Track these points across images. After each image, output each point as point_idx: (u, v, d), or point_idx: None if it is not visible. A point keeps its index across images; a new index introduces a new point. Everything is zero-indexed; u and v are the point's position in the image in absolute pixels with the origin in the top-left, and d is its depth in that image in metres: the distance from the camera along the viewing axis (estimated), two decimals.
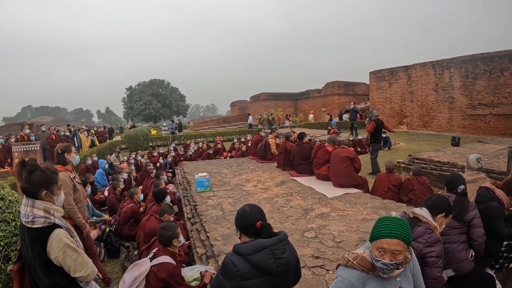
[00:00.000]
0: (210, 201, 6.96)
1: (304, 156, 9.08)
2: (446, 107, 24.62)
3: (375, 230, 2.23)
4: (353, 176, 7.68)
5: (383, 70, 30.53)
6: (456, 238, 3.84)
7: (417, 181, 7.39)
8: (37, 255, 2.62)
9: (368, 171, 11.57)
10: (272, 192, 7.46)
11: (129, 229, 6.98)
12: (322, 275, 3.77)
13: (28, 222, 2.61)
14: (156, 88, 64.39)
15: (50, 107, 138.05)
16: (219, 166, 11.38)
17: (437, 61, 25.31)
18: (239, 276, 2.24)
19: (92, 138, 21.28)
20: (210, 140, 25.22)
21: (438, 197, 3.60)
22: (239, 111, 58.77)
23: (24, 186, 2.66)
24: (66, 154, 4.65)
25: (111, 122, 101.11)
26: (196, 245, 5.32)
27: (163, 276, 3.69)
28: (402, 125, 28.34)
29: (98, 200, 9.27)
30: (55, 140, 14.46)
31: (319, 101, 44.87)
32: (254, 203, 2.66)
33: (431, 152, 11.76)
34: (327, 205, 6.35)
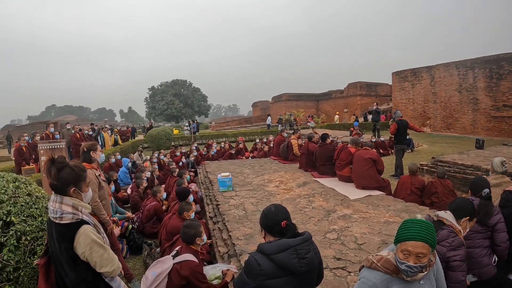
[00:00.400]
0: (232, 200, 6.99)
1: (326, 157, 9.05)
2: (470, 108, 24.13)
3: (400, 232, 2.21)
4: (376, 178, 7.63)
5: (406, 71, 30.16)
6: (480, 243, 3.80)
7: (440, 184, 7.31)
8: (64, 250, 2.67)
9: (390, 173, 11.49)
10: (294, 192, 7.45)
11: (152, 227, 7.06)
12: (344, 276, 3.76)
13: (56, 217, 2.66)
14: (178, 88, 64.81)
15: (74, 107, 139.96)
16: (241, 166, 11.42)
17: (460, 61, 24.82)
18: (263, 275, 2.26)
19: (115, 137, 21.50)
20: (232, 140, 25.31)
21: (463, 200, 3.56)
22: (261, 112, 58.82)
23: (53, 183, 2.71)
24: (92, 152, 4.75)
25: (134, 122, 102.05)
26: (218, 244, 5.35)
27: (185, 273, 3.72)
28: (425, 127, 27.93)
29: (121, 198, 9.40)
30: (79, 139, 14.65)
31: (341, 102, 44.60)
32: (280, 204, 2.68)
33: (454, 155, 11.60)
34: (349, 207, 6.32)
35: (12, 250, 3.38)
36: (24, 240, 3.50)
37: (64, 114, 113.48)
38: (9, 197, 3.68)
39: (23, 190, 3.94)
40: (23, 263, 3.47)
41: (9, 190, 3.77)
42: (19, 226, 3.50)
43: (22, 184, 4.08)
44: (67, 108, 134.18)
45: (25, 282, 3.51)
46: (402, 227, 2.23)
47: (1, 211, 3.48)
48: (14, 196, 3.76)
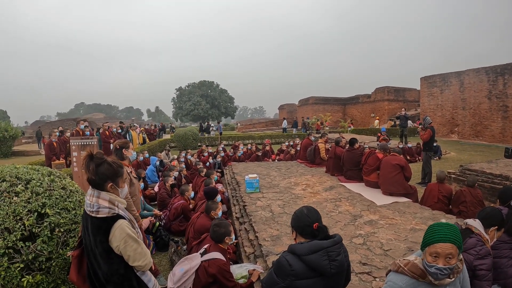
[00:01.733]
0: (259, 202, 7.03)
1: (354, 162, 9.02)
2: (499, 116, 23.63)
3: (427, 236, 2.23)
4: (403, 185, 7.59)
5: (434, 76, 29.75)
6: (506, 253, 3.75)
7: (469, 193, 7.21)
8: (99, 243, 2.75)
9: (417, 181, 11.39)
10: (321, 196, 7.46)
11: (178, 225, 7.16)
12: (369, 281, 3.77)
13: (93, 211, 2.75)
14: (205, 89, 65.15)
15: (102, 105, 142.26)
16: (268, 168, 11.45)
17: (491, 67, 24.32)
18: (293, 276, 2.30)
19: (143, 136, 21.74)
20: (258, 142, 25.36)
21: (492, 209, 3.55)
22: (287, 114, 58.72)
23: (92, 178, 2.80)
24: (124, 150, 4.84)
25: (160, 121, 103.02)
26: (244, 244, 5.39)
27: (213, 271, 3.78)
28: (453, 134, 27.55)
29: (149, 195, 9.58)
30: (108, 136, 14.89)
31: (368, 107, 44.26)
32: (311, 206, 2.71)
33: (483, 164, 11.41)
34: (375, 213, 6.31)
35: (45, 241, 3.49)
36: (58, 231, 3.61)
37: (92, 112, 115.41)
38: (44, 190, 3.80)
39: (57, 184, 4.06)
40: (56, 254, 3.57)
41: (44, 183, 3.89)
42: (53, 218, 3.61)
43: (57, 178, 4.20)
44: (95, 106, 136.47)
45: (56, 272, 3.61)
46: (429, 230, 2.25)
47: (37, 203, 3.59)
48: (49, 189, 3.88)
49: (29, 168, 4.15)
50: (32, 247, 3.40)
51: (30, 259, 3.37)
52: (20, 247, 3.34)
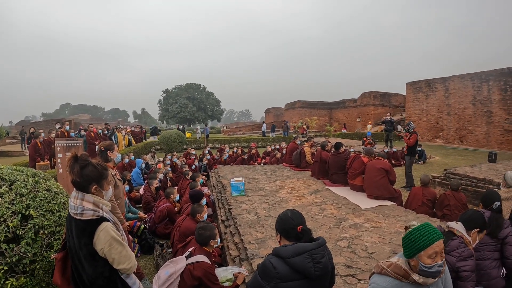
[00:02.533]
0: (244, 205, 7.05)
1: (339, 166, 9.07)
2: (483, 121, 23.99)
3: (420, 241, 2.24)
4: (388, 189, 7.65)
5: (420, 81, 30.08)
6: (489, 255, 3.82)
7: (453, 197, 7.29)
8: (84, 246, 2.73)
9: (402, 185, 11.47)
10: (306, 200, 7.50)
11: (164, 228, 7.14)
12: (354, 284, 3.81)
13: (77, 214, 2.73)
14: (192, 91, 65.18)
15: (88, 106, 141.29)
16: (253, 171, 11.47)
17: (475, 73, 24.71)
18: (278, 278, 2.31)
19: (129, 138, 21.62)
20: (245, 146, 25.36)
21: (474, 212, 3.61)
22: (274, 118, 58.85)
23: (76, 180, 2.78)
24: (109, 152, 4.83)
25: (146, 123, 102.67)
26: (229, 248, 5.40)
27: (198, 274, 3.78)
28: (438, 139, 27.84)
29: (134, 198, 9.51)
30: (93, 138, 14.81)
31: (354, 111, 44.55)
32: (295, 209, 2.73)
33: (467, 168, 11.55)
34: (360, 216, 6.36)
35: (29, 243, 3.45)
36: (42, 234, 3.58)
37: (78, 112, 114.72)
38: (29, 191, 3.76)
39: (42, 185, 4.03)
40: (40, 256, 3.54)
41: (29, 184, 3.86)
42: (37, 220, 3.58)
43: (42, 179, 4.17)
44: (81, 107, 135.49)
45: (40, 275, 3.58)
46: (419, 235, 2.26)
47: (21, 204, 3.55)
48: (34, 190, 3.84)
49: (13, 169, 4.12)
50: (16, 249, 3.36)
51: (14, 261, 3.33)
52: (4, 249, 3.29)
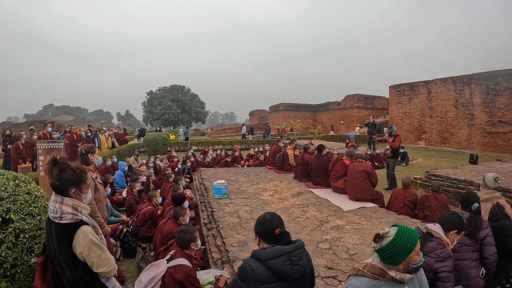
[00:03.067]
0: (227, 208, 7.05)
1: (322, 169, 9.11)
2: (465, 123, 24.30)
3: (409, 243, 2.27)
4: (370, 191, 7.71)
5: (403, 85, 30.34)
6: (468, 255, 3.88)
7: (434, 198, 7.38)
8: (63, 249, 2.73)
9: (384, 186, 11.57)
10: (289, 202, 7.52)
11: (146, 231, 7.10)
12: (335, 285, 3.83)
13: (56, 217, 2.72)
14: (177, 93, 64.92)
15: (71, 107, 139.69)
16: (236, 174, 11.47)
17: (458, 77, 25.01)
18: (257, 280, 2.33)
19: (112, 140, 21.46)
20: (228, 148, 25.34)
21: (452, 214, 3.66)
22: (258, 120, 58.88)
23: (55, 183, 2.78)
24: (90, 154, 4.79)
25: (131, 125, 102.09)
26: (211, 250, 5.40)
27: (179, 277, 3.77)
28: (421, 141, 28.10)
29: (116, 201, 9.45)
30: (76, 140, 14.67)
31: (338, 114, 44.76)
32: (274, 212, 2.75)
33: (448, 169, 11.69)
34: (342, 218, 6.39)
35: (10, 247, 3.44)
36: (22, 237, 3.56)
37: (61, 114, 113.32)
38: (9, 195, 3.74)
39: (22, 189, 4.01)
40: (21, 261, 3.52)
41: (9, 188, 3.83)
42: (18, 223, 3.56)
43: (22, 183, 4.15)
44: (64, 108, 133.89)
45: (21, 279, 3.56)
46: (406, 239, 2.28)
47: (1, 208, 3.53)
48: (14, 194, 3.82)
49: None
50: None
51: None
52: None
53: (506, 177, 9.97)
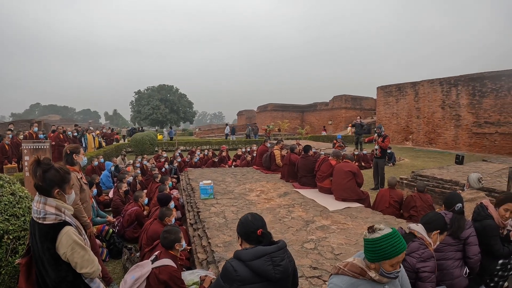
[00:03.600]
0: (213, 208, 7.05)
1: (308, 169, 9.14)
2: (452, 124, 24.63)
3: (389, 251, 2.27)
4: (356, 191, 7.75)
5: (391, 86, 30.63)
6: (452, 255, 3.92)
7: (420, 198, 7.43)
8: (47, 250, 2.72)
9: (371, 186, 11.63)
10: (275, 202, 7.54)
11: (132, 231, 7.08)
12: (319, 285, 3.85)
13: (40, 218, 2.72)
14: (165, 93, 64.66)
15: (59, 106, 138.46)
16: (223, 174, 11.46)
17: (444, 78, 25.35)
18: (239, 281, 2.33)
19: (99, 140, 21.32)
20: (216, 148, 25.30)
21: (435, 214, 3.70)
22: (246, 121, 58.89)
23: (38, 184, 2.77)
24: (75, 155, 4.76)
25: (118, 125, 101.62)
26: (197, 251, 5.40)
27: (164, 278, 3.77)
28: (408, 141, 28.36)
29: (103, 201, 9.40)
30: (62, 140, 14.57)
31: (326, 114, 44.95)
32: (257, 213, 2.76)
33: (434, 170, 11.78)
34: (328, 218, 6.42)
35: None
36: (7, 239, 3.54)
37: (48, 113, 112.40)
38: None
39: (7, 189, 3.99)
40: (5, 262, 3.51)
41: None
42: (1, 225, 3.54)
43: (6, 183, 4.12)
44: (51, 107, 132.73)
45: (6, 280, 3.55)
46: (389, 245, 2.28)
47: None
48: None
49: None
50: None
51: None
52: None
53: (491, 177, 10.07)
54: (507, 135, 21.14)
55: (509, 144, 21.04)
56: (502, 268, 4.26)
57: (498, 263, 4.23)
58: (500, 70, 21.76)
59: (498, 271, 4.27)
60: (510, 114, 21.07)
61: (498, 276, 4.30)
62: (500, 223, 4.27)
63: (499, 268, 4.25)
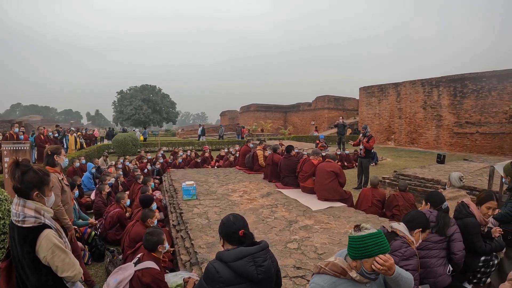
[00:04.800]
0: (196, 209, 7.01)
1: (291, 169, 9.15)
2: (433, 124, 25.02)
3: (373, 249, 2.28)
4: (338, 191, 7.78)
5: (373, 86, 30.92)
6: (436, 253, 3.97)
7: (402, 197, 7.50)
8: (26, 254, 2.70)
9: (354, 186, 11.69)
10: (258, 203, 7.54)
11: (115, 234, 7.00)
12: (303, 285, 3.86)
13: (19, 221, 2.69)
14: (147, 93, 64.15)
15: (40, 106, 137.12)
16: (206, 175, 11.42)
17: (426, 79, 25.71)
18: (222, 282, 2.33)
19: (81, 141, 21.09)
20: (199, 149, 25.22)
21: (416, 212, 3.74)
22: (229, 121, 58.97)
23: (17, 186, 2.74)
24: (56, 156, 4.70)
25: (100, 125, 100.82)
26: (180, 252, 5.37)
27: (147, 281, 3.74)
28: (390, 141, 28.64)
29: (84, 203, 9.26)
30: (43, 141, 14.40)
31: (309, 115, 45.20)
32: (239, 213, 2.76)
33: (416, 169, 11.91)
34: (311, 218, 6.44)
35: None
36: None
37: (29, 113, 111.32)
38: None
39: None
40: None
41: None
42: None
43: None
44: (32, 107, 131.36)
45: None
46: (373, 244, 2.29)
47: None
48: None
49: None
50: None
51: None
52: None
53: (472, 176, 10.23)
54: (487, 134, 21.53)
55: (490, 143, 21.44)
56: (484, 264, 4.35)
57: (480, 260, 4.32)
58: (481, 72, 22.22)
59: (481, 267, 4.36)
60: (490, 114, 21.48)
61: (480, 273, 4.39)
62: (482, 220, 4.34)
63: (481, 265, 4.34)
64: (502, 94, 21.02)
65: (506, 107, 20.78)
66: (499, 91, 21.15)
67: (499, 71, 21.27)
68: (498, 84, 21.21)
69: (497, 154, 20.60)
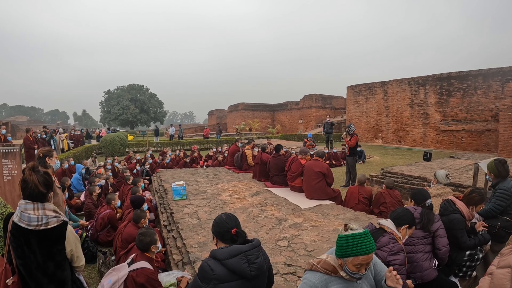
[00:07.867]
0: (186, 209, 7.06)
1: (279, 168, 9.21)
2: (420, 122, 25.32)
3: (352, 249, 2.35)
4: (326, 191, 7.86)
5: (360, 85, 31.13)
6: (421, 248, 4.08)
7: (389, 195, 7.60)
8: (57, 252, 2.79)
9: (342, 184, 11.80)
10: (247, 202, 7.60)
11: (106, 235, 7.01)
12: (294, 281, 3.95)
13: (42, 224, 2.73)
14: (135, 93, 63.87)
15: (26, 107, 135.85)
16: (195, 174, 11.45)
17: (413, 78, 25.99)
18: (216, 279, 2.40)
19: (68, 142, 20.98)
20: (187, 149, 25.16)
21: (403, 210, 3.84)
22: (217, 120, 58.86)
23: (41, 191, 2.78)
24: (48, 158, 4.71)
25: (87, 125, 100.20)
26: (172, 252, 5.41)
27: (141, 281, 3.77)
28: (377, 139, 28.87)
29: (74, 205, 9.24)
30: (32, 142, 14.33)
31: (297, 113, 45.28)
32: (230, 212, 2.83)
33: (403, 167, 12.05)
34: (300, 216, 6.52)
35: None
36: None
37: (15, 114, 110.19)
38: None
39: None
40: None
41: None
42: None
43: None
44: (19, 108, 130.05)
45: None
46: (353, 244, 2.36)
47: None
48: None
49: None
50: None
51: None
52: None
53: (458, 173, 10.39)
54: (473, 132, 21.85)
55: (475, 141, 21.76)
56: (469, 258, 4.48)
57: (465, 254, 4.44)
58: (467, 70, 22.59)
59: (466, 261, 4.49)
60: (476, 112, 21.82)
61: (466, 267, 4.52)
62: (469, 215, 4.46)
63: (466, 259, 4.47)
64: (488, 92, 21.36)
65: (492, 105, 21.10)
66: (484, 89, 21.50)
67: (485, 69, 21.63)
68: (483, 83, 21.54)
69: (483, 151, 20.92)
